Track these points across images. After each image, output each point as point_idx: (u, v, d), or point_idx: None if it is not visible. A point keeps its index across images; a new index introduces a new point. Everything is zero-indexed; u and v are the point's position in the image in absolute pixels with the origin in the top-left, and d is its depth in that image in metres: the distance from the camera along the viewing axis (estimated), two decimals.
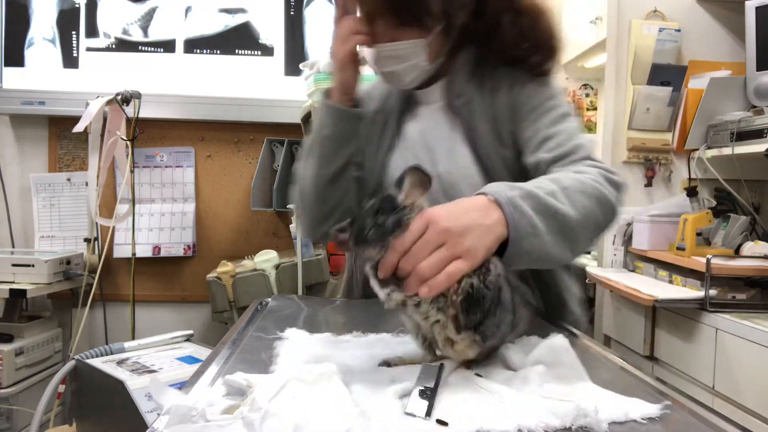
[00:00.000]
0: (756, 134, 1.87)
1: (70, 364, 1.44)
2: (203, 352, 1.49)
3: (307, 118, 2.10)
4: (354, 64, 1.05)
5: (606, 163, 0.99)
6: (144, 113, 2.28)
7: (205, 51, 2.49)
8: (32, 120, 2.47)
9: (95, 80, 2.44)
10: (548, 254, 0.76)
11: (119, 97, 2.23)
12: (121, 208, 2.32)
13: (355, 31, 1.02)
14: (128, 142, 2.29)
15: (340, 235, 0.64)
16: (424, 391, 0.57)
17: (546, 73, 1.09)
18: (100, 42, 2.47)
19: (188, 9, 2.49)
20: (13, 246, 2.46)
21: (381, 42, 1.04)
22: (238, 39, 2.52)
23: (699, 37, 2.22)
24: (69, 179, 2.47)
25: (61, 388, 1.51)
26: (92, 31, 2.47)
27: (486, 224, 0.70)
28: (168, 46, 2.48)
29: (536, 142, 1.02)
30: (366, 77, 1.13)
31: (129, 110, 2.26)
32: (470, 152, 1.08)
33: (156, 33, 2.48)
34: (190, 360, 1.45)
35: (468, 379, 0.64)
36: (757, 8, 1.98)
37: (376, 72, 1.09)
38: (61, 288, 2.21)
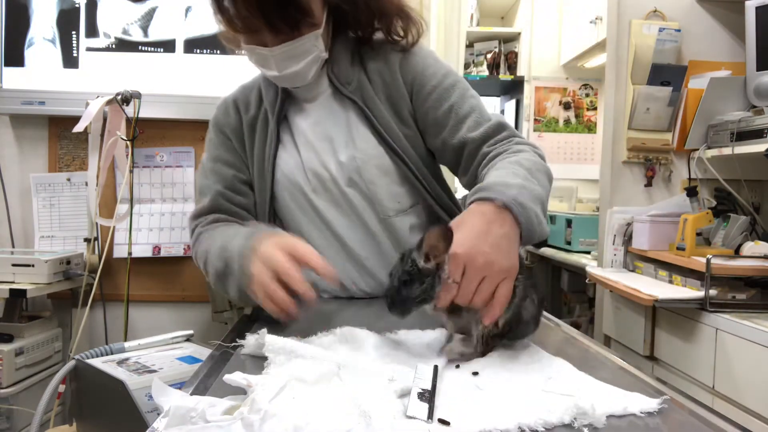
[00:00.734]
0: (756, 134, 1.87)
1: (70, 364, 1.44)
2: (203, 352, 1.49)
3: None
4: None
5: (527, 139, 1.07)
6: (144, 113, 2.28)
7: (205, 51, 2.49)
8: (32, 120, 2.47)
9: (95, 80, 2.43)
10: (543, 234, 0.81)
11: (119, 97, 2.23)
12: (121, 208, 2.32)
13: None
14: (128, 142, 2.29)
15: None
16: (423, 394, 0.57)
17: (412, 45, 1.11)
18: (100, 42, 2.47)
19: (188, 9, 2.49)
20: (13, 246, 2.46)
21: (275, 44, 0.99)
22: None
23: (699, 37, 2.22)
24: (69, 179, 2.47)
25: (61, 388, 1.51)
26: (92, 31, 2.47)
27: (507, 235, 0.74)
28: (168, 46, 2.48)
29: (453, 122, 1.05)
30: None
31: (129, 110, 2.26)
32: (372, 134, 1.08)
33: (156, 33, 2.48)
34: (191, 360, 1.45)
35: (466, 379, 0.64)
36: (757, 8, 1.98)
37: (276, 76, 1.04)
38: (61, 288, 2.21)
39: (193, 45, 2.50)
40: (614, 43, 2.23)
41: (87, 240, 2.36)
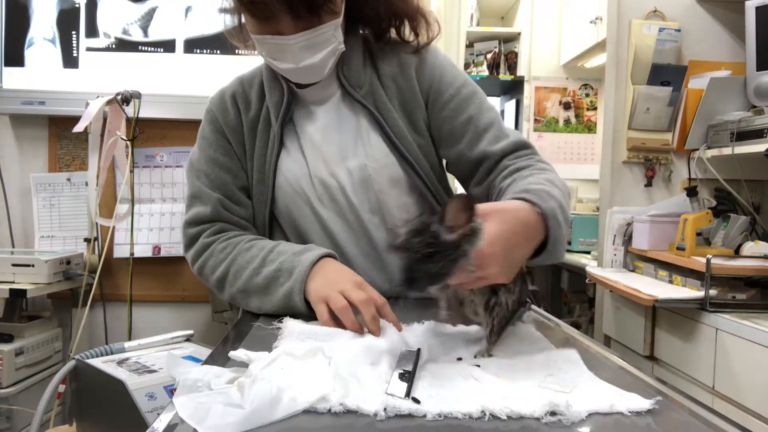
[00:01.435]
0: (756, 134, 1.87)
1: (70, 364, 1.44)
2: (203, 352, 1.49)
3: None
4: None
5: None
6: (144, 113, 2.28)
7: (205, 51, 2.49)
8: (32, 120, 2.47)
9: (95, 80, 2.44)
10: (556, 258, 0.82)
11: (119, 97, 2.23)
12: (121, 208, 2.32)
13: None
14: (128, 142, 2.29)
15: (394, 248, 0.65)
16: (404, 374, 0.60)
17: (423, 47, 1.06)
18: (100, 42, 2.47)
19: (188, 9, 2.49)
20: (13, 246, 2.46)
21: (293, 32, 0.91)
22: None
23: (699, 37, 2.22)
24: (69, 179, 2.47)
25: (61, 388, 1.51)
26: (92, 31, 2.47)
27: (530, 246, 0.75)
28: (168, 46, 2.48)
29: (472, 135, 1.02)
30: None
31: (129, 110, 2.26)
32: (384, 142, 1.03)
33: (156, 33, 2.48)
34: (191, 360, 1.45)
35: (464, 369, 0.65)
36: (757, 8, 1.98)
37: (291, 69, 0.97)
38: (61, 288, 2.21)
39: (193, 45, 2.50)
40: (614, 43, 2.23)
41: (87, 240, 2.36)
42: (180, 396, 0.55)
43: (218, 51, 2.51)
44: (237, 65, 2.56)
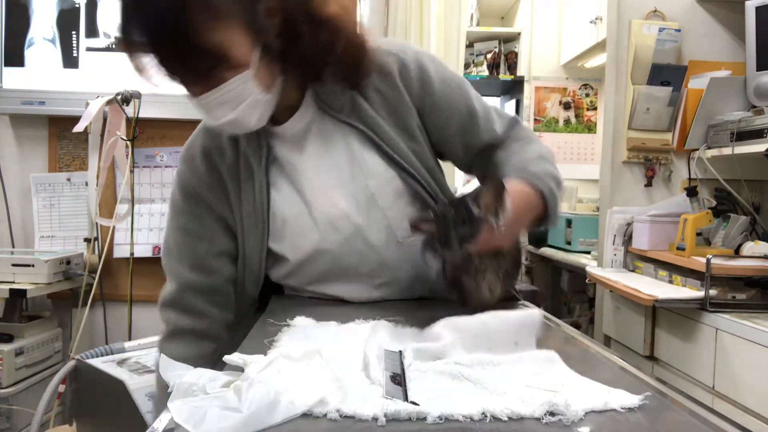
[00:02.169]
0: (756, 134, 1.87)
1: (70, 364, 1.44)
2: None
3: None
4: None
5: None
6: (144, 113, 2.28)
7: None
8: (32, 120, 2.47)
9: (95, 80, 2.43)
10: (556, 223, 1.01)
11: (119, 97, 2.23)
12: (121, 208, 2.32)
13: None
14: (128, 142, 2.29)
15: (423, 225, 0.85)
16: (394, 377, 0.61)
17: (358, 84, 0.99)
18: (100, 42, 2.47)
19: None
20: (13, 246, 2.46)
21: (202, 92, 0.88)
22: None
23: (699, 37, 2.22)
24: (69, 179, 2.47)
25: (61, 388, 1.51)
26: (92, 31, 2.47)
27: (532, 217, 0.94)
28: None
29: (469, 129, 1.05)
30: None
31: (129, 110, 2.26)
32: (380, 157, 1.00)
33: None
34: None
35: (450, 369, 0.66)
36: (757, 8, 1.98)
37: (215, 126, 0.93)
38: (61, 288, 2.21)
39: None
40: (614, 43, 2.23)
41: (87, 240, 2.36)
42: (175, 400, 0.55)
43: None
44: None
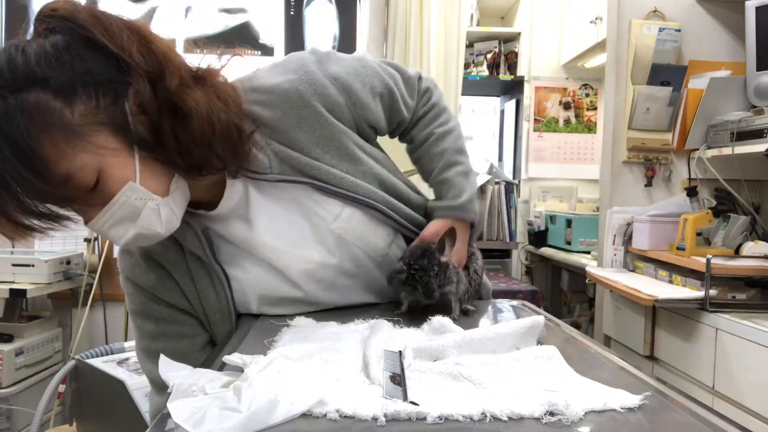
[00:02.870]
0: (756, 134, 1.87)
1: (70, 364, 1.44)
2: None
3: None
4: None
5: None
6: None
7: (205, 51, 2.49)
8: None
9: None
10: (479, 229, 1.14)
11: None
12: None
13: None
14: None
15: (398, 276, 0.93)
16: (394, 377, 0.60)
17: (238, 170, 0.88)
18: None
19: (188, 9, 2.49)
20: (13, 246, 2.46)
21: (92, 217, 0.77)
22: (238, 39, 2.52)
23: (699, 37, 2.22)
24: None
25: (61, 388, 1.51)
26: None
27: (467, 241, 1.06)
28: None
29: (389, 109, 1.02)
30: None
31: None
32: (334, 198, 0.94)
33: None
34: None
35: (449, 370, 0.65)
36: (757, 8, 1.98)
37: (122, 246, 0.86)
38: (61, 288, 2.21)
39: (193, 45, 2.50)
40: (614, 43, 2.24)
41: (87, 240, 2.36)
42: (175, 400, 0.55)
43: (218, 51, 2.51)
44: (237, 65, 2.57)
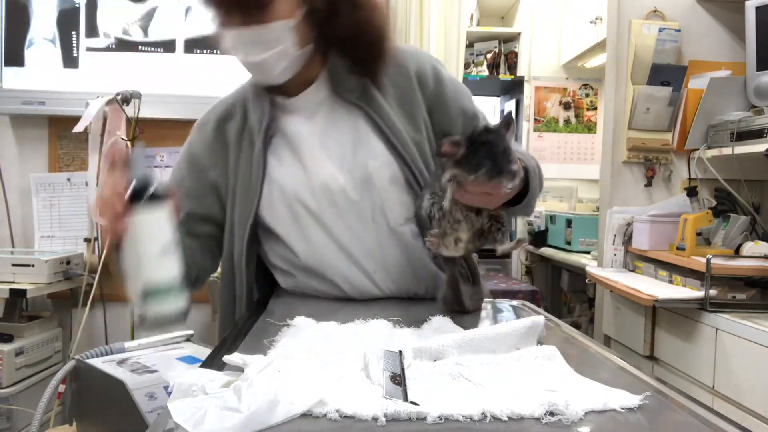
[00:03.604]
0: (756, 134, 1.87)
1: (70, 364, 1.43)
2: (203, 352, 1.49)
3: None
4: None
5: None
6: (144, 113, 2.28)
7: (205, 51, 2.49)
8: (32, 120, 2.47)
9: (95, 80, 2.44)
10: (530, 212, 1.07)
11: (119, 97, 2.23)
12: None
13: (117, 196, 0.84)
14: (128, 142, 2.29)
15: (454, 149, 0.78)
16: (394, 377, 0.60)
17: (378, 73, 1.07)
18: (100, 42, 2.47)
19: (188, 9, 2.49)
20: (13, 246, 2.46)
21: (242, 26, 0.95)
22: None
23: (699, 37, 2.22)
24: (69, 179, 2.47)
25: (61, 388, 1.51)
26: (92, 31, 2.47)
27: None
28: (168, 46, 2.48)
29: (464, 123, 1.10)
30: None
31: (129, 110, 2.26)
32: (382, 141, 1.05)
33: (156, 33, 2.48)
34: (191, 360, 1.44)
35: (449, 370, 0.65)
36: (757, 8, 1.98)
37: (244, 62, 1.00)
38: (61, 288, 2.21)
39: (193, 45, 2.49)
40: (614, 43, 2.23)
41: (87, 240, 2.36)
42: (175, 400, 0.55)
43: (218, 51, 2.51)
44: (237, 65, 2.57)
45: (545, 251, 3.09)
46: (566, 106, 3.60)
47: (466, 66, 3.60)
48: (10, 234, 2.46)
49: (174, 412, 0.52)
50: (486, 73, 3.65)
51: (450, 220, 0.88)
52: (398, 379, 0.60)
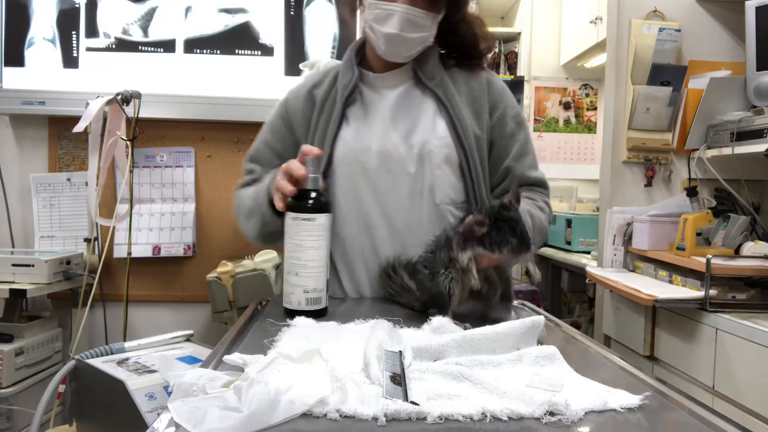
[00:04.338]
0: (756, 134, 1.87)
1: (70, 364, 1.44)
2: (203, 352, 1.49)
3: None
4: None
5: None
6: (144, 113, 2.27)
7: (205, 51, 2.49)
8: (32, 120, 2.46)
9: (95, 80, 2.43)
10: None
11: (119, 97, 2.23)
12: (121, 208, 2.32)
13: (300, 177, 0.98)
14: (128, 142, 2.29)
15: (477, 228, 0.85)
16: (394, 377, 0.61)
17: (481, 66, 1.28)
18: (100, 42, 2.47)
19: (188, 9, 2.49)
20: (13, 246, 2.45)
21: (412, 4, 1.10)
22: (238, 39, 2.51)
23: (699, 37, 2.22)
24: (69, 179, 2.47)
25: (61, 388, 1.51)
26: (92, 31, 2.47)
27: None
28: (168, 46, 2.48)
29: (516, 152, 1.23)
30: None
31: (129, 110, 2.26)
32: (448, 126, 1.18)
33: (156, 33, 2.48)
34: (191, 360, 1.45)
35: (450, 369, 0.65)
36: (757, 8, 1.98)
37: (390, 34, 1.12)
38: (61, 288, 2.21)
39: (193, 45, 2.49)
40: (614, 43, 2.23)
41: (87, 240, 2.36)
42: (175, 400, 0.55)
43: (218, 51, 2.51)
44: (237, 65, 2.57)
45: (545, 251, 3.08)
46: (566, 106, 3.60)
47: None
48: (10, 234, 2.46)
49: (174, 412, 0.52)
50: None
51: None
52: (398, 379, 0.60)
